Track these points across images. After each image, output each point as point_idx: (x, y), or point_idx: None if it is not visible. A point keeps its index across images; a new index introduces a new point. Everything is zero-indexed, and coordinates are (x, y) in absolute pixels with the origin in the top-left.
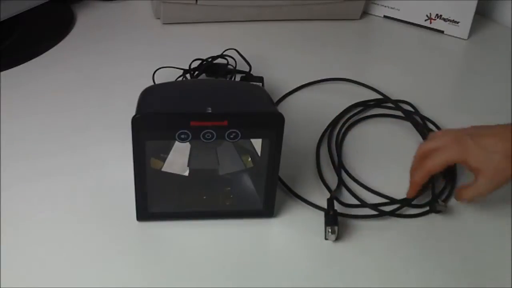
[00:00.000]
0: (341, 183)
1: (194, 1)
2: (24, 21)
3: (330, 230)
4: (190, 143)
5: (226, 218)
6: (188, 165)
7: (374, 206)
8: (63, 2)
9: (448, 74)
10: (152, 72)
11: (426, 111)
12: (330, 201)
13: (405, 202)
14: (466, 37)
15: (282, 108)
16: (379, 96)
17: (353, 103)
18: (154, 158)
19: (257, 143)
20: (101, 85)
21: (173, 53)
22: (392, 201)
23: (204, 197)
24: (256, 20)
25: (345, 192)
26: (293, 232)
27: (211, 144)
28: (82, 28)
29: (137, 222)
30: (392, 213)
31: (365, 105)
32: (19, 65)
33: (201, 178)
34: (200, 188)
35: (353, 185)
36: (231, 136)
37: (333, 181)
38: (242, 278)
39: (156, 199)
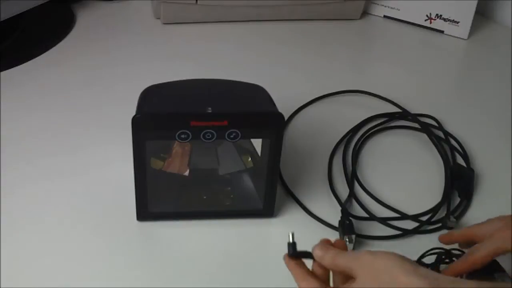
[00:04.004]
0: (352, 193)
1: (194, 1)
2: (24, 21)
3: (348, 239)
4: (190, 143)
5: (226, 218)
6: (188, 165)
7: (383, 220)
8: (63, 2)
9: (448, 74)
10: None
11: (425, 111)
12: (344, 211)
13: (416, 218)
14: (466, 37)
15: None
16: (391, 106)
17: (371, 115)
18: (154, 158)
19: (257, 143)
20: (101, 85)
21: (173, 53)
22: (403, 216)
23: (204, 197)
24: (256, 20)
25: (354, 204)
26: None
27: (211, 144)
28: (82, 28)
29: (137, 222)
30: (406, 232)
31: (383, 117)
32: (19, 65)
33: (201, 178)
34: (200, 188)
35: (363, 197)
36: (231, 136)
37: (343, 192)
38: (242, 278)
39: (156, 199)
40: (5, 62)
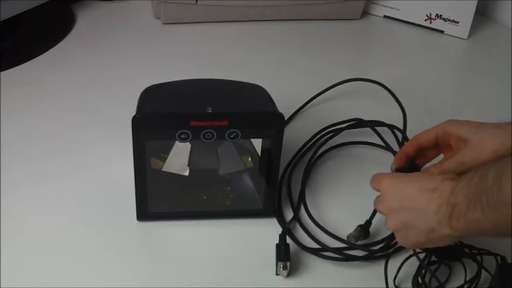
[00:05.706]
0: (296, 216)
1: (194, 1)
2: (24, 21)
3: (282, 266)
4: (190, 143)
5: (226, 218)
6: (188, 165)
7: (337, 251)
8: (63, 2)
9: (448, 74)
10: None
11: (425, 111)
12: (282, 236)
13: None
14: (466, 37)
15: None
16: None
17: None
18: (154, 158)
19: (257, 143)
20: (101, 85)
21: (173, 53)
22: (352, 246)
23: (204, 197)
24: (256, 20)
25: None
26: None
27: (211, 144)
28: (82, 28)
29: (137, 222)
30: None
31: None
32: (19, 65)
33: (201, 178)
34: (200, 188)
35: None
36: (231, 136)
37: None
38: (242, 278)
39: (156, 199)
40: (5, 62)
